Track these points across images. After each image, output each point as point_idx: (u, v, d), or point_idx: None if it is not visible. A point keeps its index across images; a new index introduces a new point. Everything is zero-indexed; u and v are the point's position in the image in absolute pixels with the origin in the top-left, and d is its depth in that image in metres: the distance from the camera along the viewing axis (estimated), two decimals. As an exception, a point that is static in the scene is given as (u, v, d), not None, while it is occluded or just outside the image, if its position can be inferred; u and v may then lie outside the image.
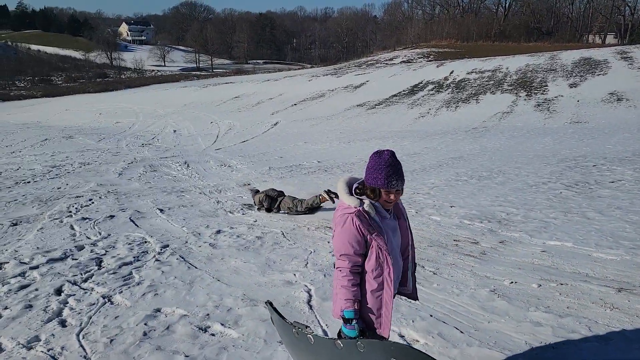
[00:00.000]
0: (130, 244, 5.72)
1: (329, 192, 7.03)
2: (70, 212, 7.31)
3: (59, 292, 4.21)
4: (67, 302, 3.98)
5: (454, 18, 74.94)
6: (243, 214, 7.56)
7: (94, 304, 3.96)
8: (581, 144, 14.09)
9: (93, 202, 8.07)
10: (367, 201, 2.22)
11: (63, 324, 3.62)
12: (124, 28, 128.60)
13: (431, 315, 3.72)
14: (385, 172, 2.15)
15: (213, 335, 3.50)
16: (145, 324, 3.61)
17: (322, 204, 7.28)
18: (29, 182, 9.93)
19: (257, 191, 8.06)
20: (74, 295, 4.14)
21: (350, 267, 2.22)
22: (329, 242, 5.72)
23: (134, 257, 5.19)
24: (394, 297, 2.29)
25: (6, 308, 3.86)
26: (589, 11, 66.78)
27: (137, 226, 6.62)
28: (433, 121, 24.34)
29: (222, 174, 11.84)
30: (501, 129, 19.88)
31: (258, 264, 5.03)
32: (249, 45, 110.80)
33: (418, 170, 11.01)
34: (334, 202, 6.98)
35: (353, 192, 2.29)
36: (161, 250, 5.47)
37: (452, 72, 37.68)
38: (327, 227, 6.44)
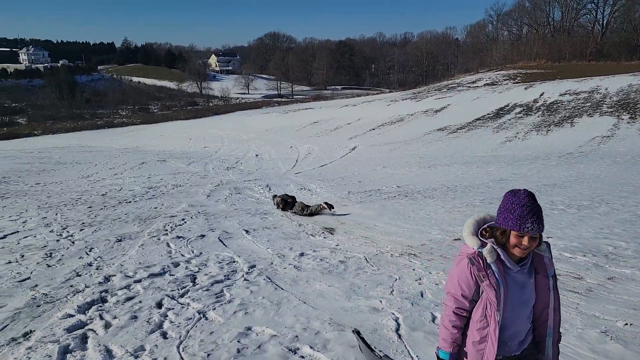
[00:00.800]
0: (220, 262, 5.97)
1: (327, 203, 9.63)
2: (166, 230, 7.80)
3: (159, 305, 4.49)
4: (167, 315, 4.23)
5: (544, 38, 71.55)
6: (324, 237, 7.63)
7: (190, 318, 4.17)
8: (697, 171, 12.73)
9: (185, 222, 8.55)
10: (489, 245, 2.03)
11: (164, 335, 3.84)
12: (213, 59, 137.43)
13: (533, 354, 3.49)
14: (519, 212, 1.94)
15: (303, 357, 3.53)
16: (238, 342, 3.73)
17: (322, 211, 9.60)
18: (130, 201, 10.76)
19: (275, 195, 10.58)
20: (173, 309, 4.39)
21: (454, 308, 2.12)
22: (414, 270, 5.60)
23: (225, 276, 5.41)
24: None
25: (115, 317, 4.18)
26: (702, 25, 60.69)
27: (226, 246, 6.90)
28: (521, 146, 23.23)
29: (302, 198, 12.05)
30: (601, 155, 18.49)
31: (342, 288, 5.03)
32: (328, 71, 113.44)
33: (506, 197, 10.49)
34: (330, 210, 9.48)
35: (480, 232, 2.10)
36: (249, 270, 5.65)
37: (542, 94, 35.93)
38: (411, 254, 6.32)
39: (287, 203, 10.11)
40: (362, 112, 42.71)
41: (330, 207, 9.49)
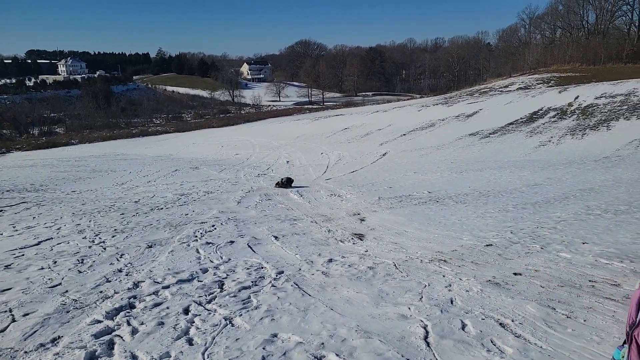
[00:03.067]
0: (248, 268, 5.96)
1: (288, 178, 15.78)
2: (196, 236, 7.87)
3: (186, 311, 4.50)
4: (194, 322, 4.23)
5: (578, 41, 69.64)
6: (354, 243, 7.55)
7: (217, 324, 4.16)
8: None
9: (215, 228, 8.61)
10: None
11: (190, 342, 3.83)
12: (245, 68, 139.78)
13: (567, 365, 3.32)
14: None
15: (328, 365, 3.46)
16: (263, 348, 3.70)
17: (286, 186, 15.30)
18: (161, 208, 10.94)
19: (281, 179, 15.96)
20: (200, 315, 4.39)
21: None
22: (444, 276, 5.45)
23: (252, 282, 5.39)
24: None
25: (142, 324, 4.21)
26: None
27: (254, 252, 6.90)
28: (556, 150, 22.56)
29: (332, 204, 12.00)
30: (639, 158, 17.75)
31: (370, 294, 4.94)
32: (359, 78, 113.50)
33: (541, 203, 10.18)
34: (289, 184, 15.40)
35: None
36: (277, 276, 5.62)
37: (577, 98, 34.89)
38: (441, 260, 6.17)
39: (276, 183, 15.75)
40: (392, 118, 42.43)
41: (291, 181, 15.61)
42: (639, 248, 6.14)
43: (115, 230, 8.32)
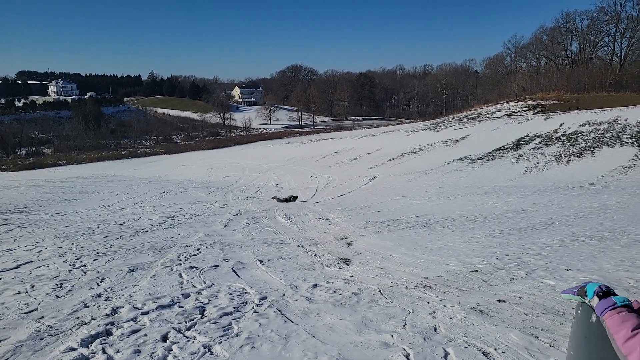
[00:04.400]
0: (231, 294, 5.86)
1: (292, 196, 18.80)
2: (180, 260, 7.74)
3: (164, 338, 4.37)
4: (172, 350, 4.11)
5: (562, 70, 71.49)
6: (339, 268, 7.49)
7: (195, 352, 4.05)
8: None
9: (200, 252, 8.49)
10: None
11: (167, 371, 3.73)
12: (236, 91, 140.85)
13: (549, 395, 3.27)
14: None
15: (307, 395, 3.38)
16: (241, 378, 3.60)
17: (289, 200, 18.01)
18: (146, 231, 10.79)
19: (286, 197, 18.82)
20: (178, 342, 4.27)
21: None
22: (428, 303, 5.41)
23: (234, 308, 5.28)
24: None
25: (118, 352, 4.08)
26: None
27: (239, 276, 6.79)
28: (542, 176, 22.82)
29: (320, 227, 11.94)
30: (623, 185, 18.02)
31: (354, 321, 4.86)
32: (349, 102, 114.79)
33: (526, 228, 10.23)
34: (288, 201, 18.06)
35: None
36: (259, 302, 5.52)
37: (562, 125, 35.53)
38: (426, 286, 6.13)
39: (278, 200, 18.25)
40: (382, 142, 42.78)
41: (295, 198, 18.55)
42: (622, 275, 6.16)
43: (97, 253, 8.17)
